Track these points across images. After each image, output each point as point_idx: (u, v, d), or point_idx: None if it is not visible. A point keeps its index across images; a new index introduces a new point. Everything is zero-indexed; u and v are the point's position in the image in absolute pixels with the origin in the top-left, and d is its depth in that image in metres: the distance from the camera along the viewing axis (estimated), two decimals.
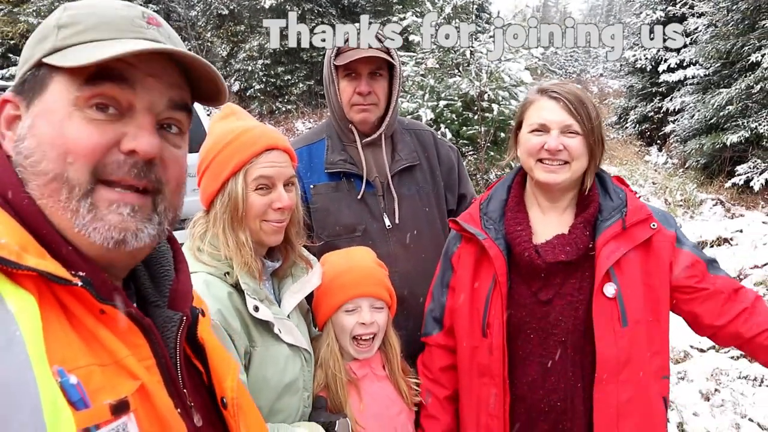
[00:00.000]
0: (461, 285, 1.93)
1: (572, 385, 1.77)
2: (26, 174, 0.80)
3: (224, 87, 0.94)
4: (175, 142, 0.90)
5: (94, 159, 0.80)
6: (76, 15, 0.85)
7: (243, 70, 22.38)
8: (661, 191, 11.65)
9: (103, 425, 0.72)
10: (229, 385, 0.96)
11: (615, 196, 1.82)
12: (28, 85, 0.84)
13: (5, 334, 0.65)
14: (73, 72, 0.80)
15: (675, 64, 16.00)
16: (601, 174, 1.89)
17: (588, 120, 1.76)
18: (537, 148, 1.77)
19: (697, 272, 1.81)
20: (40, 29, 0.87)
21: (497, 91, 8.64)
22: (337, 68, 2.23)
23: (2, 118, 0.86)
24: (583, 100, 1.77)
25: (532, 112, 1.82)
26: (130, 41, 0.84)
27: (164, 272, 0.97)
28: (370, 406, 1.89)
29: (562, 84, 1.84)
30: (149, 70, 0.84)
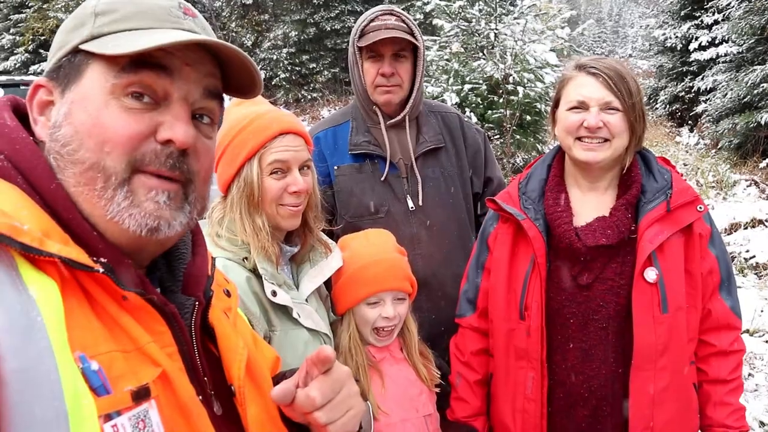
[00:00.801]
0: (498, 266, 1.90)
1: (613, 371, 1.73)
2: (62, 162, 0.80)
3: (260, 79, 0.93)
4: (206, 133, 0.90)
5: (131, 148, 0.80)
6: (114, 3, 0.85)
7: (268, 59, 22.46)
8: (693, 173, 11.41)
9: (124, 411, 0.72)
10: (235, 373, 0.94)
11: (659, 176, 1.76)
12: (63, 71, 0.84)
13: (27, 320, 0.65)
14: (110, 60, 0.80)
15: (706, 42, 15.59)
16: (645, 154, 1.83)
17: (629, 95, 1.70)
18: (576, 125, 1.72)
19: (708, 284, 1.76)
20: (76, 15, 0.86)
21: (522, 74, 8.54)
22: (361, 50, 2.22)
23: (35, 103, 0.86)
24: (624, 74, 1.72)
25: (570, 89, 1.77)
26: (170, 31, 0.84)
27: (179, 255, 0.96)
28: (390, 387, 1.90)
29: (601, 59, 1.78)
30: (186, 59, 0.84)
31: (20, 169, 0.78)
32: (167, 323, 0.84)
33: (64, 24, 0.87)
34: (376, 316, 1.88)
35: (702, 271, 1.73)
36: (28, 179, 0.78)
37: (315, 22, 21.48)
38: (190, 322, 0.90)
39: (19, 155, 0.79)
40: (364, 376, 1.86)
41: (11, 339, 0.64)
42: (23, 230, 0.69)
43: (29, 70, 21.32)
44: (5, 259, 0.68)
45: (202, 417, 0.83)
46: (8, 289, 0.66)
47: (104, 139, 0.79)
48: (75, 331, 0.69)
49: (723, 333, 1.78)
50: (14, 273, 0.68)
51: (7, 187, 0.75)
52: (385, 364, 1.94)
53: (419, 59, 2.28)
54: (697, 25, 16.27)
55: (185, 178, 0.85)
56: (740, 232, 7.71)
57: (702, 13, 16.16)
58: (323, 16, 21.39)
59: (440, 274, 2.23)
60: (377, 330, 1.90)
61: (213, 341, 0.96)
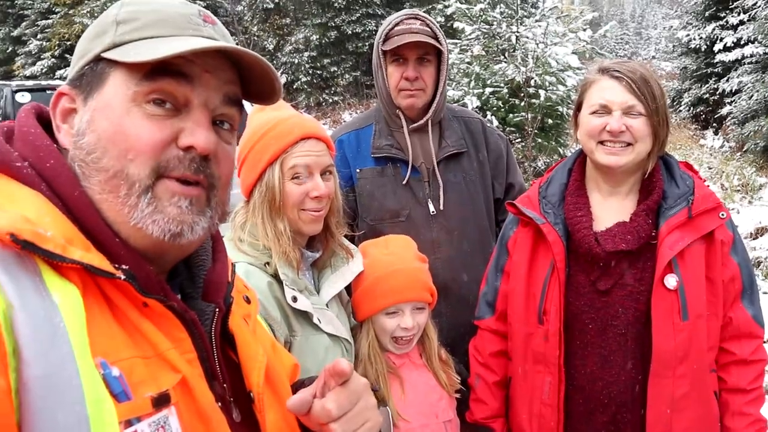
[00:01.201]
0: (517, 270, 1.89)
1: (633, 378, 1.72)
2: (87, 169, 0.81)
3: (279, 85, 0.94)
4: (226, 139, 0.91)
5: (154, 155, 0.81)
6: (135, 11, 0.86)
7: (289, 62, 22.60)
8: (718, 176, 11.24)
9: (144, 417, 0.72)
10: (255, 380, 0.94)
11: (682, 182, 1.74)
12: (86, 79, 0.85)
13: (50, 326, 0.66)
14: (132, 67, 0.81)
15: (732, 42, 15.36)
16: (667, 159, 1.81)
17: (652, 99, 1.68)
18: (598, 129, 1.71)
19: (729, 291, 1.73)
20: (98, 24, 0.87)
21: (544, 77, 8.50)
22: (385, 53, 2.23)
23: (58, 110, 0.87)
24: (647, 78, 1.70)
25: (592, 92, 1.76)
26: (189, 38, 0.85)
27: (200, 262, 0.96)
28: (409, 394, 1.89)
29: (624, 62, 1.77)
30: (206, 66, 0.85)
31: (44, 176, 0.79)
32: (187, 330, 0.85)
33: (87, 32, 0.89)
34: (395, 326, 1.87)
35: (723, 278, 1.71)
36: (51, 186, 0.79)
37: (336, 26, 21.57)
38: (210, 329, 0.90)
39: (43, 162, 0.80)
40: (384, 383, 1.86)
41: (35, 345, 0.65)
42: (47, 237, 0.70)
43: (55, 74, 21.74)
44: (29, 265, 0.69)
45: (221, 424, 0.83)
46: (32, 295, 0.67)
47: (127, 147, 0.80)
48: (96, 337, 0.70)
49: (744, 342, 1.75)
50: (38, 279, 0.69)
51: (31, 194, 0.76)
52: (404, 370, 1.94)
53: (443, 63, 2.28)
54: (722, 25, 16.03)
55: (208, 182, 0.86)
56: (766, 236, 7.58)
57: (727, 13, 15.93)
58: (344, 20, 21.48)
59: (460, 278, 2.23)
60: (396, 339, 1.90)
61: (232, 348, 0.96)
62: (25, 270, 0.69)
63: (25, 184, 0.77)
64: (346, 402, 0.93)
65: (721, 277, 1.70)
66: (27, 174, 0.78)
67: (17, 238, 0.67)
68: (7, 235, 0.67)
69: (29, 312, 0.66)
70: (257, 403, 0.94)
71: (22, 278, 0.68)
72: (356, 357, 1.88)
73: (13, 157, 0.78)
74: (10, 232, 0.67)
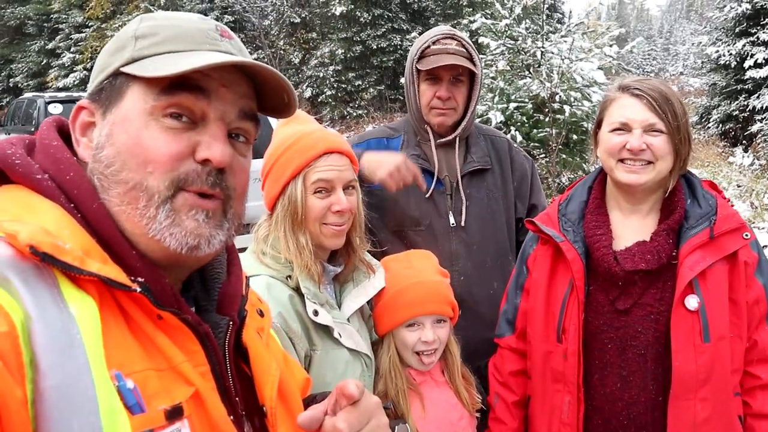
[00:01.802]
0: (536, 287, 1.88)
1: (653, 399, 1.69)
2: (106, 182, 0.82)
3: (294, 100, 0.94)
4: (242, 152, 0.91)
5: (171, 168, 0.82)
6: (154, 26, 0.87)
7: (314, 76, 22.82)
8: (747, 194, 11.04)
9: (157, 430, 0.73)
10: (268, 394, 0.94)
11: (704, 202, 1.72)
12: (105, 93, 0.86)
13: (67, 337, 0.67)
14: (150, 82, 0.82)
15: (763, 59, 15.14)
16: (690, 178, 1.79)
17: (674, 118, 1.67)
18: (618, 147, 1.70)
19: (754, 314, 1.69)
20: (118, 39, 0.89)
21: (569, 92, 8.45)
22: (419, 70, 2.25)
23: (78, 124, 0.88)
24: (668, 96, 1.68)
25: (613, 110, 1.75)
26: (207, 53, 0.86)
27: (215, 275, 0.97)
28: (430, 411, 1.88)
29: (644, 80, 1.75)
30: (223, 81, 0.86)
31: (64, 188, 0.80)
32: (201, 342, 0.85)
33: (107, 47, 0.90)
34: (416, 340, 1.86)
35: (747, 299, 1.67)
36: (70, 198, 0.80)
37: (361, 40, 21.75)
38: (224, 342, 0.90)
39: (63, 175, 0.81)
40: (404, 400, 1.84)
41: (52, 356, 0.66)
42: (65, 249, 0.71)
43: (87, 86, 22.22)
44: (47, 277, 0.70)
45: None
46: (50, 306, 0.68)
47: (146, 159, 0.81)
48: (112, 349, 0.71)
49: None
50: (56, 291, 0.70)
51: (50, 206, 0.77)
52: (425, 387, 1.92)
53: (476, 84, 2.31)
54: (752, 41, 15.82)
55: (225, 195, 0.87)
56: None
57: (758, 29, 15.72)
58: (369, 35, 21.65)
59: (476, 293, 2.23)
60: (418, 354, 1.88)
61: (245, 361, 0.96)
62: (43, 282, 0.70)
63: (45, 196, 0.78)
64: (356, 422, 0.93)
65: (745, 298, 1.67)
66: (47, 186, 0.79)
67: (37, 251, 0.68)
68: (27, 247, 0.68)
69: (47, 323, 0.67)
70: (270, 418, 0.94)
71: (40, 290, 0.69)
72: (377, 372, 1.87)
73: (35, 170, 0.80)
74: (30, 245, 0.68)
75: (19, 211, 0.75)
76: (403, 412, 1.82)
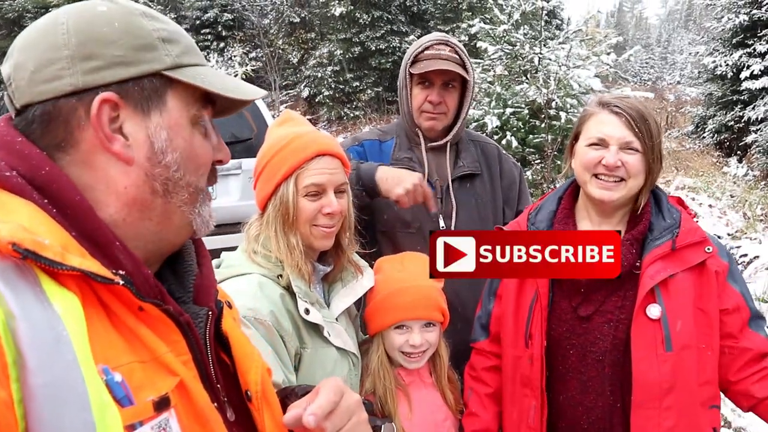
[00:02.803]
0: (507, 293, 1.92)
1: (611, 405, 1.73)
2: (172, 186, 0.88)
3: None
4: None
5: (208, 169, 0.94)
6: (173, 33, 0.89)
7: (313, 76, 22.84)
8: (740, 204, 11.09)
9: (146, 421, 0.74)
10: (252, 378, 0.98)
11: (669, 215, 1.77)
12: (139, 90, 0.83)
13: (54, 335, 0.67)
14: (190, 90, 0.88)
15: (759, 70, 15.22)
16: (657, 192, 1.84)
17: (649, 137, 1.71)
18: (594, 162, 1.74)
19: (736, 321, 1.72)
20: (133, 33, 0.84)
21: (565, 99, 8.47)
22: (412, 75, 2.29)
23: (105, 118, 0.82)
24: (645, 116, 1.72)
25: (591, 125, 1.78)
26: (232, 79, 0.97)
27: (187, 267, 0.98)
28: (416, 411, 1.90)
29: (624, 98, 1.79)
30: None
31: (38, 184, 0.78)
32: (182, 332, 0.86)
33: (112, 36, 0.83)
34: (403, 342, 1.89)
35: (725, 307, 1.71)
36: (46, 194, 0.78)
37: (360, 42, 21.79)
38: (205, 332, 0.92)
39: (36, 170, 0.78)
40: (391, 399, 1.86)
41: (39, 354, 0.66)
42: (45, 245, 0.70)
43: None
44: (28, 275, 0.70)
45: (217, 423, 0.85)
46: (33, 304, 0.68)
47: (199, 164, 0.91)
48: (97, 344, 0.71)
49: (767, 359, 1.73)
50: (38, 289, 0.70)
51: (22, 203, 0.75)
52: (413, 388, 1.94)
53: (467, 90, 2.34)
54: (749, 53, 15.91)
55: None
56: None
57: (755, 41, 15.81)
58: (368, 36, 21.68)
59: (463, 296, 2.25)
60: (406, 354, 1.90)
61: (224, 350, 0.99)
62: (24, 280, 0.69)
63: (15, 194, 0.76)
64: (339, 420, 0.96)
65: (718, 307, 1.70)
66: (17, 183, 0.77)
67: (19, 247, 0.67)
68: (9, 245, 0.67)
69: (31, 322, 0.66)
70: (255, 401, 0.97)
71: (21, 288, 0.68)
72: (365, 370, 1.89)
73: (1, 167, 0.78)
74: (11, 242, 0.67)
75: None
76: (389, 412, 1.84)
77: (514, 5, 9.64)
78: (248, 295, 1.56)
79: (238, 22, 23.51)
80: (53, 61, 0.80)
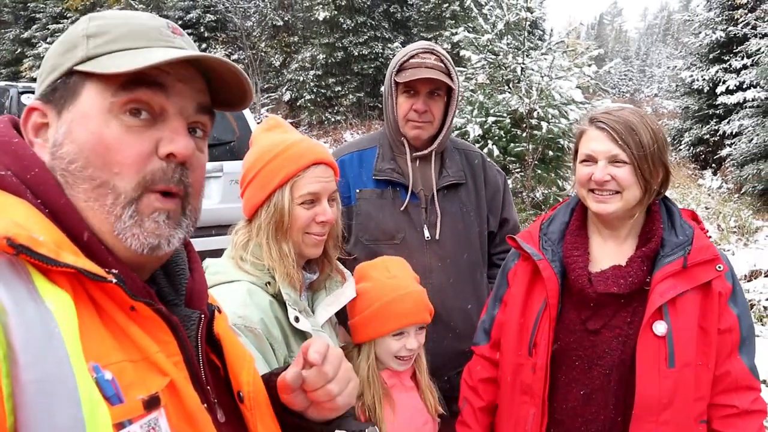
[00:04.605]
0: (513, 301, 1.92)
1: (612, 418, 1.73)
2: (71, 178, 0.82)
3: (250, 92, 0.96)
4: (200, 147, 0.92)
5: (138, 169, 0.82)
6: (104, 25, 0.87)
7: (295, 80, 22.79)
8: (715, 216, 11.30)
9: (135, 420, 0.73)
10: (245, 379, 0.98)
11: (681, 231, 1.76)
12: (58, 93, 0.85)
13: (45, 331, 0.67)
14: (107, 79, 0.82)
15: (734, 86, 15.55)
16: (670, 207, 1.84)
17: (638, 148, 1.70)
18: (586, 178, 1.76)
19: (726, 342, 1.73)
20: (66, 39, 0.88)
21: (547, 109, 8.56)
22: (397, 83, 2.27)
23: (30, 126, 0.87)
24: (634, 127, 1.72)
25: (582, 142, 1.80)
26: (164, 49, 0.86)
27: (180, 271, 0.98)
28: (399, 416, 1.91)
29: (613, 111, 1.79)
30: (179, 76, 0.87)
31: (29, 184, 0.79)
32: (172, 333, 0.86)
33: (54, 48, 0.89)
34: (401, 347, 1.90)
35: (720, 327, 1.71)
36: (37, 194, 0.79)
37: (343, 47, 21.81)
38: (196, 334, 0.92)
39: (27, 171, 0.81)
40: (380, 406, 1.87)
41: (31, 350, 0.65)
42: (40, 241, 0.71)
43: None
44: (21, 272, 0.70)
45: (207, 424, 0.85)
46: (26, 300, 0.68)
47: (111, 160, 0.81)
48: (88, 342, 0.71)
49: (743, 394, 1.74)
50: (31, 286, 0.70)
51: (16, 201, 0.77)
52: (395, 391, 1.95)
53: (453, 99, 2.33)
54: (725, 68, 16.26)
55: (185, 191, 0.88)
56: (761, 279, 7.59)
57: (731, 57, 16.16)
58: (351, 41, 21.72)
59: (449, 305, 2.25)
60: (399, 357, 1.92)
61: (215, 353, 0.99)
62: (17, 276, 0.69)
63: (10, 193, 0.78)
64: (335, 362, 1.04)
65: (717, 326, 1.71)
66: (11, 182, 0.78)
67: (14, 242, 0.68)
68: (3, 240, 0.67)
69: (24, 317, 0.66)
70: (247, 402, 0.97)
71: (14, 284, 0.68)
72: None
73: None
74: (6, 237, 0.67)
75: None
76: (379, 418, 1.85)
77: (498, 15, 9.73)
78: (237, 302, 1.54)
79: (221, 24, 23.40)
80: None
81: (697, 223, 1.82)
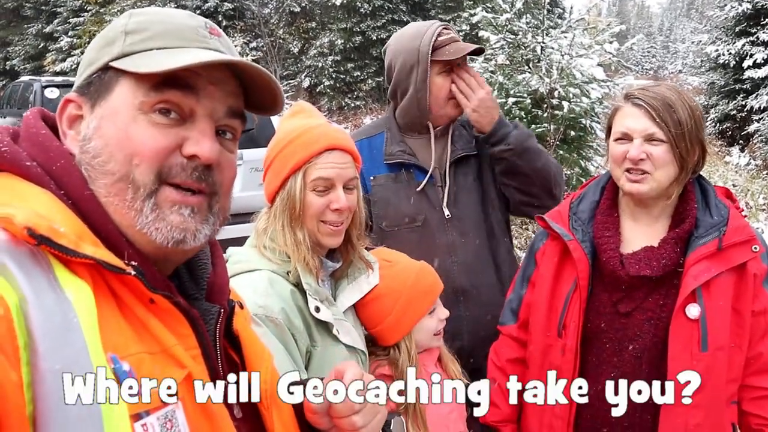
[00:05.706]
0: (542, 281, 1.90)
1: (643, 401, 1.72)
2: (94, 173, 0.83)
3: (281, 98, 0.96)
4: (229, 147, 0.93)
5: (158, 161, 0.83)
6: (144, 22, 0.88)
7: (313, 66, 22.77)
8: (742, 194, 11.08)
9: (152, 411, 0.74)
10: (262, 377, 0.97)
11: (716, 211, 1.72)
12: (93, 87, 0.87)
13: (65, 321, 0.68)
14: (140, 77, 0.83)
15: (762, 59, 15.15)
16: (704, 186, 1.79)
17: (676, 126, 1.65)
18: (620, 157, 1.71)
19: (760, 324, 1.69)
20: (107, 34, 0.90)
21: (568, 88, 8.43)
22: (433, 64, 2.23)
23: (65, 117, 0.89)
24: (671, 103, 1.67)
25: (617, 119, 1.76)
26: (197, 51, 0.87)
27: (202, 265, 0.99)
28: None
29: (650, 87, 1.75)
30: (211, 78, 0.87)
31: (53, 176, 0.81)
32: (191, 326, 0.87)
33: (95, 42, 0.91)
34: (437, 322, 1.90)
35: (754, 309, 1.68)
36: (61, 186, 0.81)
37: (361, 31, 21.70)
38: (215, 328, 0.92)
39: (52, 163, 0.82)
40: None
41: (50, 339, 0.66)
42: (61, 232, 0.72)
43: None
44: (42, 262, 0.71)
45: (224, 419, 0.85)
46: (46, 290, 0.69)
47: (133, 152, 0.82)
48: (106, 333, 0.72)
49: None
50: (51, 276, 0.71)
51: (40, 192, 0.78)
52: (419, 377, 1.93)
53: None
54: (752, 41, 15.83)
55: (210, 190, 0.89)
56: None
57: (758, 29, 15.73)
58: (369, 25, 21.59)
59: (477, 281, 2.24)
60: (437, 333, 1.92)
61: (234, 348, 0.99)
62: (38, 266, 0.70)
63: (35, 183, 0.79)
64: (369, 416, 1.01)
65: (751, 308, 1.67)
66: (36, 173, 0.80)
67: (34, 233, 0.69)
68: (24, 230, 0.69)
69: (44, 307, 0.67)
70: (264, 400, 0.96)
71: (35, 274, 0.69)
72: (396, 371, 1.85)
73: (23, 157, 0.81)
74: (27, 227, 0.69)
75: (9, 198, 0.75)
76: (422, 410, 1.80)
77: None
78: (259, 292, 1.53)
79: (239, 12, 23.40)
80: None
81: (732, 202, 1.77)
